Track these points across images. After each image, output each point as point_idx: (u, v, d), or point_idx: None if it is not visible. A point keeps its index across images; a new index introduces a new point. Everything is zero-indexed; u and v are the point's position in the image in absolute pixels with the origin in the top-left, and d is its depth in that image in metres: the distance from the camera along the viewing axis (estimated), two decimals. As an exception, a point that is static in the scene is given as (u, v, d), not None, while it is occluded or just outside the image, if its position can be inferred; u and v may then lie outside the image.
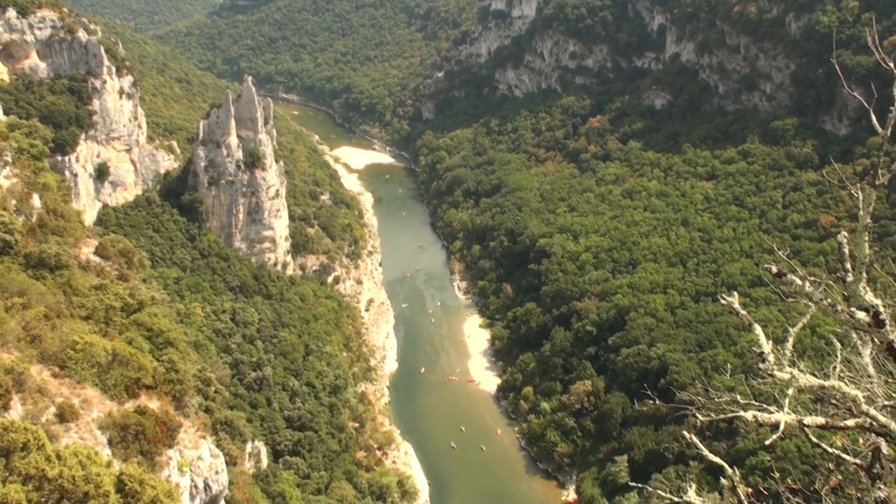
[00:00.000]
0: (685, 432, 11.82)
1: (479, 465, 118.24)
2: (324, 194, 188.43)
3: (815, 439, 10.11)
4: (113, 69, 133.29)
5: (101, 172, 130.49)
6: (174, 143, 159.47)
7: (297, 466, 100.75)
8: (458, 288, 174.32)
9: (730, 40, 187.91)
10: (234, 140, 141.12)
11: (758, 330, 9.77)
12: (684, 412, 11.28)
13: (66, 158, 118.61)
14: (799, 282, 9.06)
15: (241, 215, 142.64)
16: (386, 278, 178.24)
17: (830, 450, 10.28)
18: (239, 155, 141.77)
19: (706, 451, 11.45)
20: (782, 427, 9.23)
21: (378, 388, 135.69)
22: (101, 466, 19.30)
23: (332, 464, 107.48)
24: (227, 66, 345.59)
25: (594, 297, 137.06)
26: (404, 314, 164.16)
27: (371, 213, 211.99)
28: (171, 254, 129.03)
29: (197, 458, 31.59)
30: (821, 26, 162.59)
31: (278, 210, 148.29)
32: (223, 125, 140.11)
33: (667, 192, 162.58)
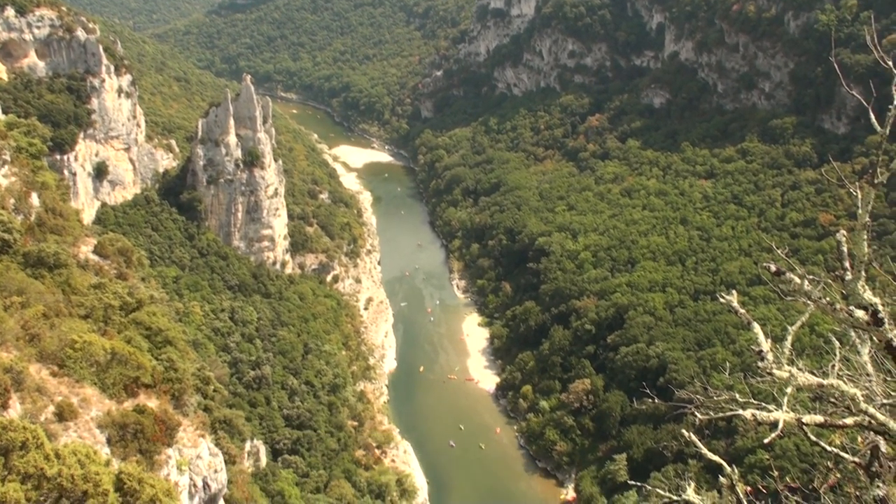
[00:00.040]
0: (684, 431, 11.81)
1: (478, 464, 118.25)
2: (322, 193, 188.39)
3: (813, 438, 10.12)
4: (111, 68, 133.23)
5: (100, 171, 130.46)
6: (173, 142, 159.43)
7: (296, 465, 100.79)
8: (456, 287, 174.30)
9: (728, 39, 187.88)
10: (232, 139, 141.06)
11: (756, 328, 9.78)
12: (683, 411, 11.28)
13: (65, 157, 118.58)
14: (798, 280, 9.06)
15: (239, 214, 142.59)
16: (385, 277, 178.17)
17: (829, 448, 10.29)
18: (238, 154, 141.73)
19: (705, 450, 11.45)
20: (781, 425, 9.24)
21: (377, 387, 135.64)
22: (99, 465, 19.30)
23: (330, 462, 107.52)
24: (226, 64, 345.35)
25: (593, 296, 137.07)
26: (403, 313, 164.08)
27: (370, 211, 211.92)
28: (169, 252, 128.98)
29: (196, 457, 31.60)
30: (819, 25, 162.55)
31: (277, 209, 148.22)
32: (222, 124, 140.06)
33: (665, 190, 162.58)
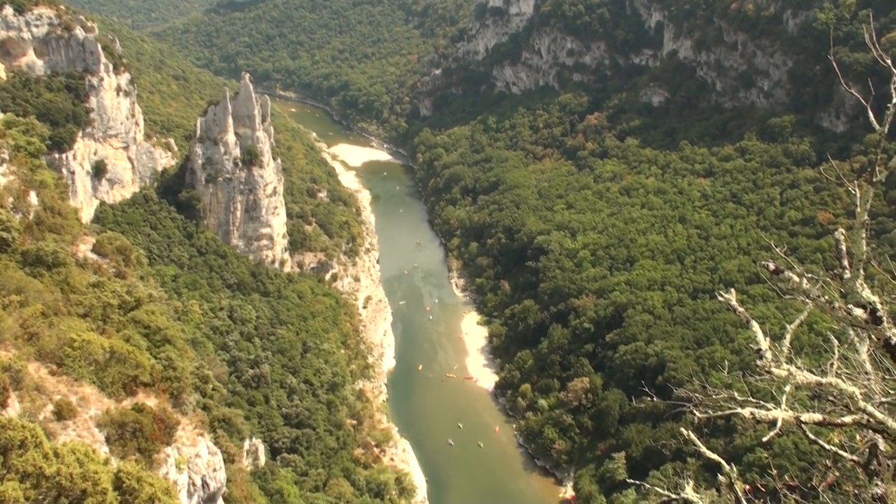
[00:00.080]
0: (683, 429, 11.81)
1: (476, 463, 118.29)
2: (321, 192, 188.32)
3: (812, 436, 10.11)
4: (110, 66, 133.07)
5: (99, 170, 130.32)
6: (171, 141, 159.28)
7: (294, 464, 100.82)
8: (455, 285, 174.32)
9: (727, 37, 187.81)
10: (231, 137, 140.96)
11: (755, 327, 9.78)
12: (682, 409, 11.29)
13: (64, 156, 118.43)
14: (796, 279, 9.06)
15: (238, 213, 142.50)
16: (384, 276, 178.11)
17: (828, 446, 10.29)
18: (236, 152, 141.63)
19: (704, 448, 11.46)
20: (780, 424, 9.23)
21: (376, 386, 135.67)
22: (98, 464, 19.30)
23: (329, 461, 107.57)
24: (225, 63, 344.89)
25: (592, 295, 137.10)
26: (402, 311, 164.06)
27: (369, 210, 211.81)
28: (168, 251, 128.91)
29: (195, 456, 31.61)
30: (818, 23, 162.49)
31: (276, 207, 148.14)
32: (220, 122, 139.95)
33: (664, 189, 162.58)
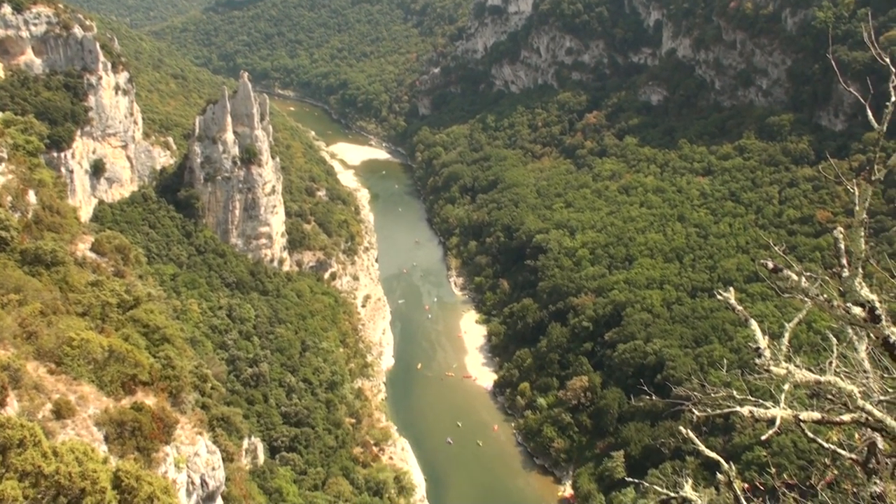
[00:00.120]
0: (681, 428, 11.81)
1: (475, 461, 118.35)
2: (320, 190, 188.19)
3: (811, 434, 10.11)
4: (108, 65, 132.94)
5: (97, 169, 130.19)
6: (170, 140, 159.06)
7: (293, 462, 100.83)
8: (454, 284, 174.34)
9: (726, 36, 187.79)
10: (230, 136, 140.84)
11: (754, 325, 9.79)
12: (681, 407, 11.30)
13: (62, 155, 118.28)
14: (795, 277, 9.07)
15: (237, 211, 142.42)
16: (382, 274, 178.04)
17: (826, 445, 10.30)
18: (235, 151, 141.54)
19: (702, 447, 11.47)
20: (778, 422, 9.24)
21: (375, 384, 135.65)
22: (97, 463, 19.29)
23: (328, 460, 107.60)
24: (223, 62, 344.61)
25: (590, 293, 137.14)
26: (401, 310, 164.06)
27: (367, 209, 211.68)
28: (167, 250, 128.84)
29: (194, 455, 31.61)
30: (817, 22, 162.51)
31: (274, 206, 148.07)
32: (219, 121, 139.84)
33: (663, 187, 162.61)
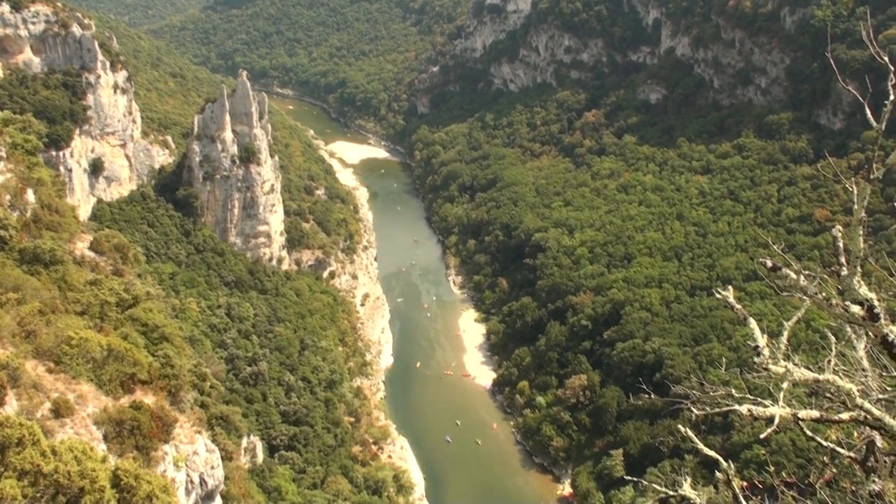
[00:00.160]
0: (680, 426, 11.82)
1: (474, 460, 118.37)
2: (319, 189, 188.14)
3: (809, 433, 10.11)
4: (107, 64, 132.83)
5: (96, 167, 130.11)
6: (169, 138, 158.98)
7: (292, 461, 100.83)
8: (453, 282, 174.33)
9: (725, 34, 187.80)
10: (228, 135, 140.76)
11: (753, 324, 9.79)
12: (679, 406, 11.29)
13: (61, 153, 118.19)
14: (794, 276, 9.07)
15: (236, 210, 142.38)
16: (381, 273, 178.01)
17: (825, 443, 10.31)
18: (234, 150, 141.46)
19: (701, 445, 11.47)
20: (777, 421, 9.25)
21: (374, 383, 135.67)
22: (96, 462, 19.28)
23: (327, 458, 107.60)
24: (222, 60, 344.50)
25: (589, 292, 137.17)
26: (400, 309, 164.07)
27: (366, 207, 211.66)
28: (165, 249, 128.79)
29: (192, 454, 31.60)
30: (815, 20, 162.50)
31: (273, 205, 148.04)
32: (218, 120, 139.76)
33: (662, 186, 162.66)
